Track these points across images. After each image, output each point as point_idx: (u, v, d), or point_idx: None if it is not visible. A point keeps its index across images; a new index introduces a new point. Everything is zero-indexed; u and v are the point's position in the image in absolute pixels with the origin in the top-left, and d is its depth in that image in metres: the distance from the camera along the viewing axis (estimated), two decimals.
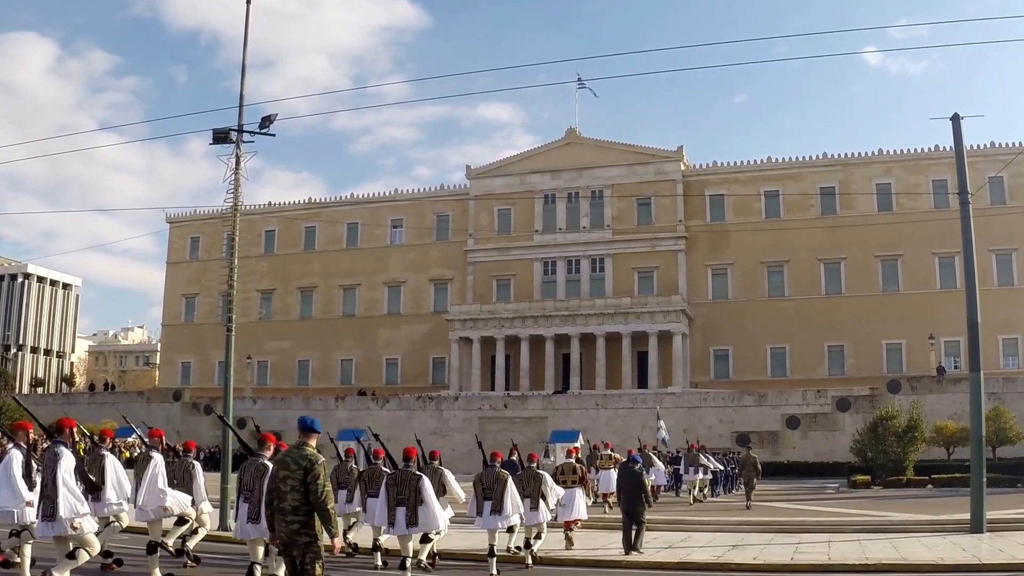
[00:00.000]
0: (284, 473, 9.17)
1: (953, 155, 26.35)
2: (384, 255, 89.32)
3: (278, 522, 9.15)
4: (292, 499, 9.07)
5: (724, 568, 17.98)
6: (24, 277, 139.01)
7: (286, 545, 9.10)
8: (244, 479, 13.19)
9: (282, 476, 9.18)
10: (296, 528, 9.02)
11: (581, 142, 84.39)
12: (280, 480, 9.19)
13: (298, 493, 9.07)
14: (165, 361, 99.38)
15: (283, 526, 9.06)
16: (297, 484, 9.09)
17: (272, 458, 12.69)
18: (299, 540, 9.01)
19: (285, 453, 9.46)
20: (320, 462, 9.29)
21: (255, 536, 13.05)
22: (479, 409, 69.31)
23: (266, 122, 29.87)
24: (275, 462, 9.59)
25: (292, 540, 9.02)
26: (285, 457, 9.34)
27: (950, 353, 70.78)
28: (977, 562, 17.69)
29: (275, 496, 9.23)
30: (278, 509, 9.15)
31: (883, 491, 40.69)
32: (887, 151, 77.98)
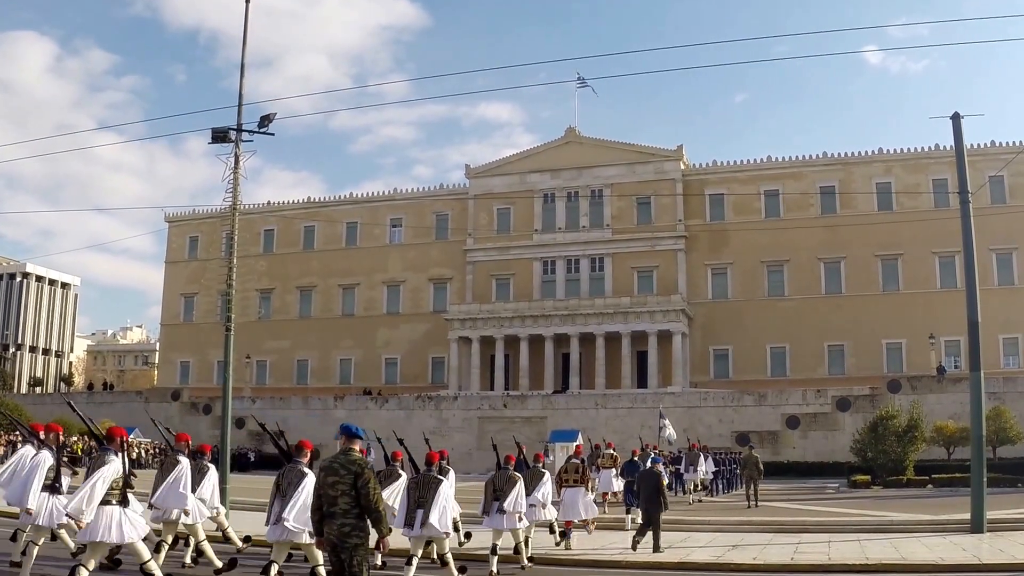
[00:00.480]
0: (333, 479, 9.38)
1: (953, 154, 26.30)
2: (383, 254, 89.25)
3: (328, 526, 9.35)
4: (343, 503, 9.30)
5: (724, 568, 17.91)
6: (23, 276, 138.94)
7: (334, 547, 9.28)
8: (281, 484, 13.45)
9: (331, 482, 9.38)
10: (347, 531, 9.25)
11: (581, 141, 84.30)
12: (329, 486, 9.39)
13: (349, 497, 9.30)
14: (164, 361, 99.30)
15: (334, 529, 9.26)
16: (348, 488, 9.31)
17: (309, 464, 13.47)
18: (349, 542, 9.22)
19: (332, 459, 9.63)
20: (369, 467, 9.53)
21: (285, 539, 13.37)
22: (478, 409, 69.22)
23: (265, 121, 29.78)
24: (322, 468, 9.71)
25: (343, 542, 9.22)
26: (333, 463, 9.52)
27: (950, 353, 70.74)
28: (977, 562, 17.62)
29: (324, 501, 9.42)
30: (328, 513, 9.36)
31: (883, 491, 40.55)
32: (887, 150, 77.97)
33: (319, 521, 9.51)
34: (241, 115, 30.35)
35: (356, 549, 9.25)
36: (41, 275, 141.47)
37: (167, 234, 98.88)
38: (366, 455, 10.08)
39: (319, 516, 9.50)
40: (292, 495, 13.06)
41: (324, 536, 9.41)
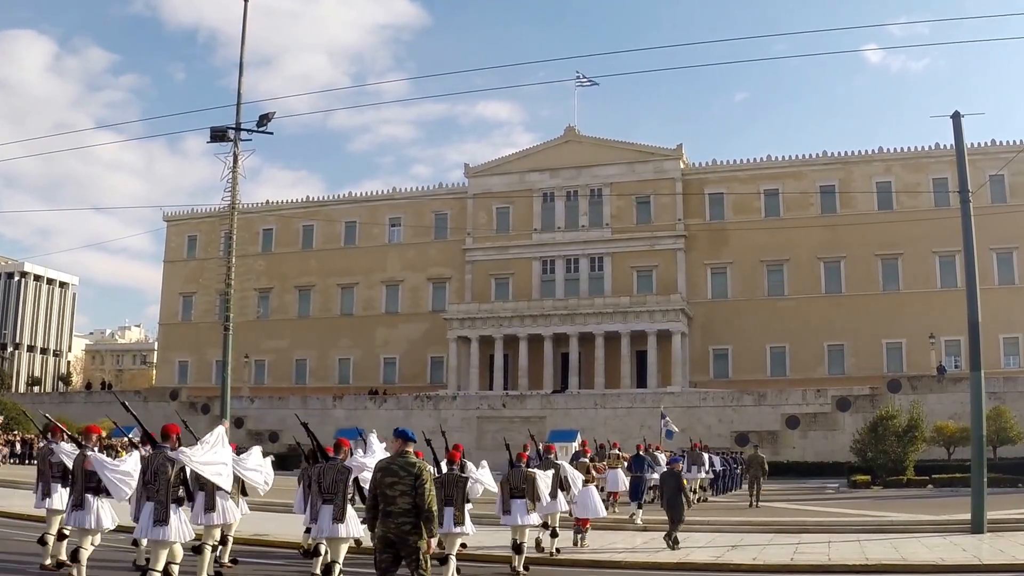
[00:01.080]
0: (391, 479, 9.77)
1: (954, 153, 26.13)
2: (382, 254, 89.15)
3: (386, 524, 9.71)
4: (402, 503, 9.69)
5: (723, 568, 17.81)
6: (21, 276, 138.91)
7: (391, 543, 9.65)
8: (324, 483, 13.78)
9: (389, 482, 9.76)
10: (408, 529, 9.64)
11: (580, 140, 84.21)
12: (387, 486, 9.75)
13: (408, 497, 9.68)
14: (162, 360, 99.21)
15: (393, 527, 9.65)
16: (407, 489, 9.69)
17: (345, 462, 13.92)
18: (410, 540, 9.62)
19: (390, 460, 10.06)
20: (427, 469, 9.99)
21: (340, 535, 13.62)
22: (477, 408, 69.12)
23: (264, 120, 29.75)
24: (379, 469, 10.08)
25: (403, 539, 9.63)
26: (391, 465, 9.93)
27: (950, 352, 70.65)
28: (978, 563, 17.51)
29: (381, 500, 9.79)
30: (385, 512, 9.73)
31: (883, 491, 40.48)
32: (887, 149, 77.90)
33: (373, 518, 9.88)
34: (240, 114, 30.30)
35: (418, 547, 9.64)
36: (39, 274, 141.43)
37: (165, 233, 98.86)
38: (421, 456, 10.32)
39: (374, 514, 9.89)
40: (342, 493, 13.52)
41: (379, 533, 9.77)
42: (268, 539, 20.26)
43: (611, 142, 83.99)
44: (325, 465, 14.08)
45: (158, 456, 11.77)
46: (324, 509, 13.72)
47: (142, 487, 11.86)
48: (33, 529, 18.44)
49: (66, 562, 14.12)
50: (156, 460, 11.72)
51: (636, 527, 24.85)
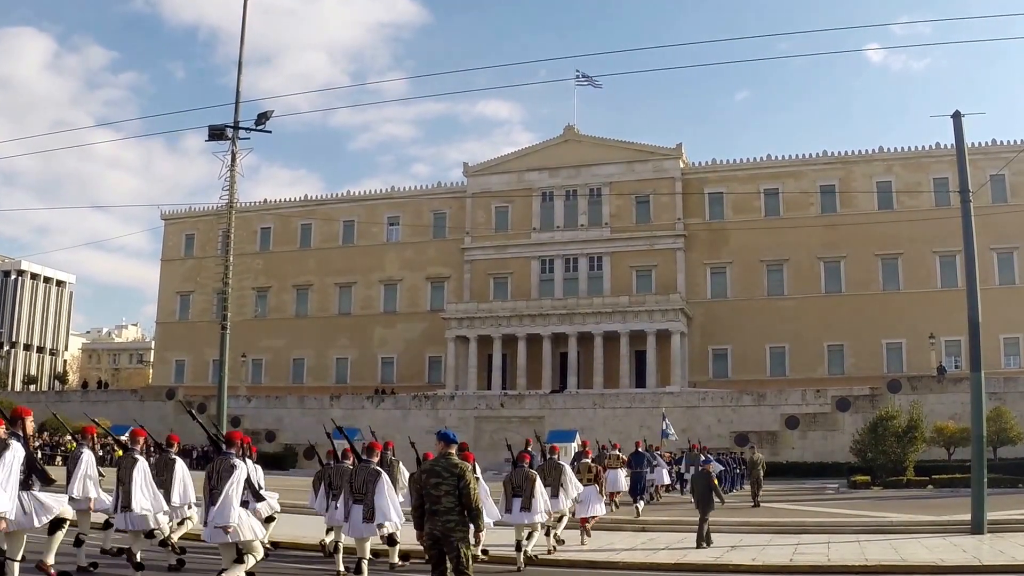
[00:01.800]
0: (436, 480, 10.32)
1: (954, 153, 26.01)
2: (380, 253, 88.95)
3: (431, 522, 10.28)
4: (446, 502, 10.23)
5: (723, 569, 17.75)
6: (18, 274, 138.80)
7: (437, 540, 10.23)
8: (355, 484, 14.39)
9: (434, 483, 10.32)
10: (452, 526, 10.19)
11: (579, 139, 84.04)
12: (432, 486, 10.31)
13: (452, 496, 10.23)
14: (159, 359, 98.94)
15: (438, 525, 10.20)
16: (451, 489, 10.24)
17: (379, 464, 14.89)
18: (455, 536, 10.17)
19: (434, 463, 10.60)
20: (469, 470, 10.56)
21: (367, 535, 14.37)
22: (475, 408, 68.92)
23: (262, 119, 29.70)
24: (424, 471, 10.71)
25: (448, 536, 10.17)
26: (435, 466, 10.47)
27: (951, 352, 70.45)
28: (978, 563, 17.47)
29: (426, 499, 10.36)
30: (431, 511, 10.30)
31: (883, 492, 40.39)
32: (888, 149, 77.72)
33: (420, 517, 10.47)
34: (238, 112, 30.21)
35: (461, 542, 10.21)
36: (36, 273, 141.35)
37: (163, 232, 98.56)
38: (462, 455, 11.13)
39: (420, 513, 10.48)
40: (374, 491, 14.26)
41: (427, 531, 10.34)
42: (278, 540, 19.76)
43: (610, 141, 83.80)
44: (357, 466, 14.77)
45: (224, 461, 12.32)
46: (356, 509, 14.32)
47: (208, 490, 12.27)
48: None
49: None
50: (221, 464, 12.27)
51: (636, 527, 24.76)
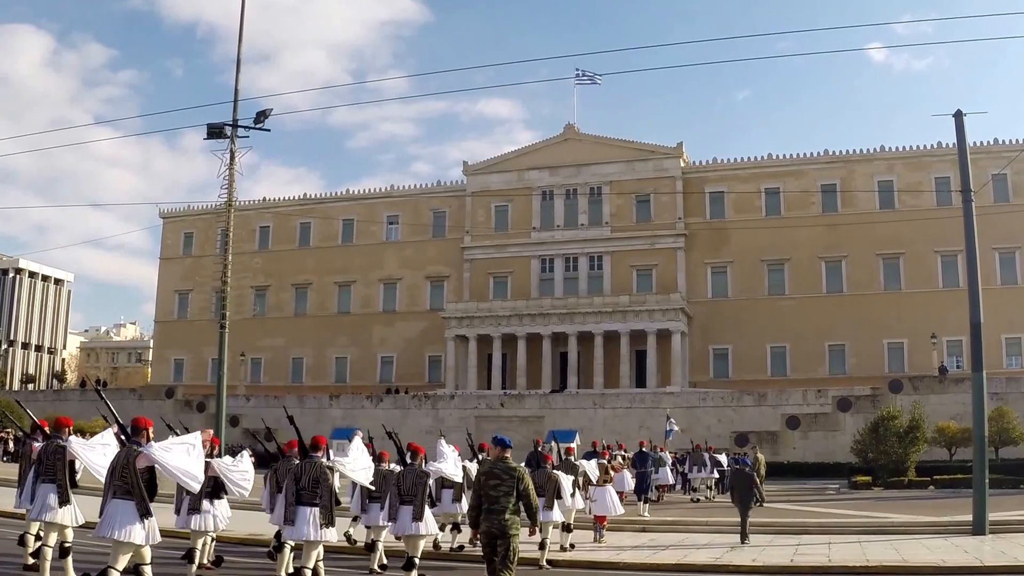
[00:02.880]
0: (495, 482, 11.17)
1: (956, 152, 25.90)
2: (380, 252, 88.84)
3: (489, 520, 11.09)
4: (504, 502, 11.10)
5: (723, 569, 17.78)
6: (16, 272, 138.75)
7: (494, 536, 11.01)
8: (403, 486, 15.00)
9: (492, 484, 11.15)
10: (508, 524, 11.03)
11: (579, 138, 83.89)
12: (491, 487, 11.14)
13: (509, 497, 11.11)
14: (158, 358, 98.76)
15: (495, 522, 11.02)
16: (509, 490, 11.11)
17: (424, 467, 15.59)
18: (510, 532, 11.00)
19: (492, 465, 11.44)
20: (527, 473, 11.70)
21: (416, 533, 14.84)
22: (475, 408, 68.70)
23: (261, 117, 29.67)
24: (483, 472, 11.49)
25: (504, 532, 10.98)
26: (493, 469, 11.32)
27: (952, 353, 70.33)
28: (979, 564, 17.50)
29: (485, 499, 11.19)
30: (489, 510, 11.12)
31: (884, 492, 40.35)
32: (889, 148, 77.55)
33: (476, 516, 11.32)
34: (237, 111, 30.14)
35: (514, 539, 11.04)
36: (34, 271, 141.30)
37: (161, 230, 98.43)
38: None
39: (477, 512, 11.33)
40: (420, 495, 14.97)
41: (484, 528, 11.14)
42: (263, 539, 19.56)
43: (611, 140, 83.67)
44: (405, 469, 15.46)
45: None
46: (404, 510, 14.94)
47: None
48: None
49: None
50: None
51: (637, 527, 24.74)
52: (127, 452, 11.00)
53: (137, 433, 11.31)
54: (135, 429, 11.39)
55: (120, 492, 10.75)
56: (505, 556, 10.96)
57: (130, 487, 10.70)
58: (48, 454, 13.15)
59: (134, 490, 10.68)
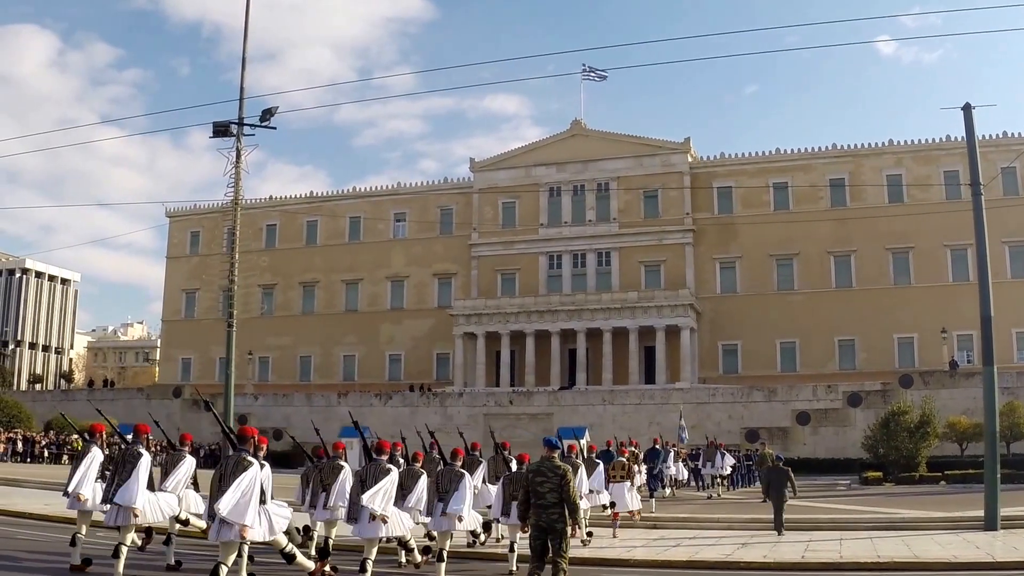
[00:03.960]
0: (541, 479, 11.98)
1: (965, 145, 25.68)
2: (387, 249, 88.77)
3: (538, 514, 11.89)
4: (550, 497, 11.88)
5: (733, 566, 17.57)
6: (22, 272, 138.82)
7: (543, 530, 11.82)
8: (441, 484, 15.49)
9: (539, 481, 11.98)
10: (555, 518, 11.81)
11: (586, 134, 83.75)
12: (538, 484, 11.96)
13: (555, 493, 11.86)
14: (165, 357, 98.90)
15: (544, 517, 11.83)
16: (554, 487, 11.88)
17: (461, 467, 16.12)
18: (558, 526, 11.79)
19: (540, 464, 12.22)
20: (570, 471, 12.33)
21: (448, 528, 15.45)
22: (484, 405, 68.51)
23: (267, 115, 29.61)
24: (530, 470, 12.36)
25: (552, 526, 11.78)
26: (541, 467, 12.14)
27: (963, 347, 70.01)
28: (991, 560, 17.27)
29: (533, 495, 12.00)
30: (536, 505, 11.92)
31: (895, 488, 40.16)
32: (898, 142, 77.22)
33: (525, 511, 12.23)
34: (242, 109, 30.06)
35: (562, 532, 11.82)
36: (41, 271, 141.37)
37: (168, 229, 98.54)
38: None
39: (526, 507, 12.21)
40: (453, 491, 15.37)
41: (532, 522, 12.00)
42: None
43: (618, 136, 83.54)
44: (443, 468, 16.05)
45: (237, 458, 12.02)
46: (439, 507, 15.43)
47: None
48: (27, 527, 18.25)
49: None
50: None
51: (647, 523, 24.68)
52: (236, 459, 11.74)
53: (244, 441, 12.20)
54: (241, 438, 12.24)
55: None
56: (558, 548, 11.74)
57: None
58: (127, 460, 13.54)
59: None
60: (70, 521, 16.98)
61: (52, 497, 29.01)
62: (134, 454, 13.89)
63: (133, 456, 13.84)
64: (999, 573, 16.46)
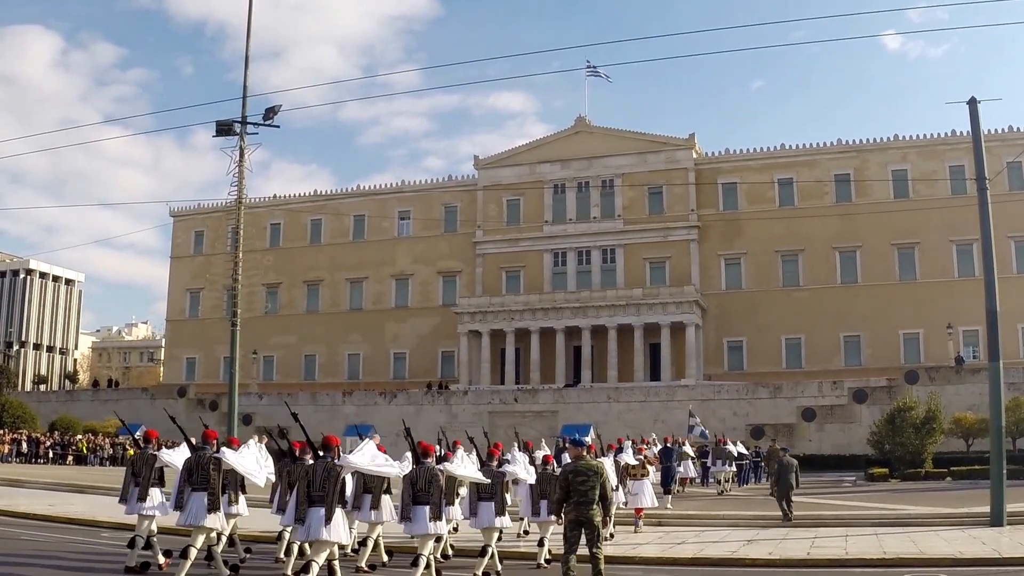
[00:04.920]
0: (581, 478, 12.81)
1: (970, 140, 25.65)
2: (391, 248, 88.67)
3: (578, 510, 12.72)
4: (591, 495, 12.74)
5: (739, 563, 17.60)
6: (26, 273, 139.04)
7: (582, 524, 12.69)
8: (483, 486, 16.05)
9: (580, 480, 12.79)
10: (593, 512, 12.69)
11: (591, 131, 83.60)
12: (579, 483, 12.77)
13: (594, 491, 12.75)
14: (169, 357, 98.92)
15: (584, 512, 12.68)
16: (593, 485, 12.77)
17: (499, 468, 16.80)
18: (595, 520, 12.70)
19: (577, 465, 13.01)
20: (606, 470, 13.53)
21: (496, 525, 16.02)
22: (489, 403, 68.53)
23: (270, 113, 29.59)
24: (569, 471, 13.02)
25: (590, 520, 12.66)
26: (578, 467, 12.94)
27: (969, 343, 69.86)
28: (997, 556, 17.34)
29: (573, 492, 12.80)
30: (576, 502, 12.74)
31: (901, 484, 40.28)
32: (903, 137, 77.06)
33: (560, 507, 13.03)
34: (245, 107, 30.04)
35: (599, 525, 12.77)
36: (45, 272, 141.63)
37: (172, 229, 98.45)
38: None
39: (560, 504, 13.04)
40: (501, 490, 16.31)
41: (572, 517, 12.76)
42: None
43: (622, 132, 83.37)
44: (484, 469, 16.42)
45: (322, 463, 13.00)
46: (484, 506, 16.07)
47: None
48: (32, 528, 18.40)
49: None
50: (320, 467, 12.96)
51: (654, 520, 24.83)
52: (324, 465, 12.83)
53: (328, 449, 13.12)
54: (326, 446, 13.20)
55: (317, 501, 12.66)
56: (594, 540, 12.68)
57: (325, 495, 12.63)
58: (201, 464, 13.77)
59: (327, 498, 12.61)
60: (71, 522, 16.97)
61: (57, 498, 29.08)
62: (150, 457, 14.85)
63: (150, 459, 14.85)
64: (1005, 569, 16.39)
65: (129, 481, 14.98)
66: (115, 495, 15.82)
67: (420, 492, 13.80)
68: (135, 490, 14.87)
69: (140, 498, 14.68)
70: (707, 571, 17.15)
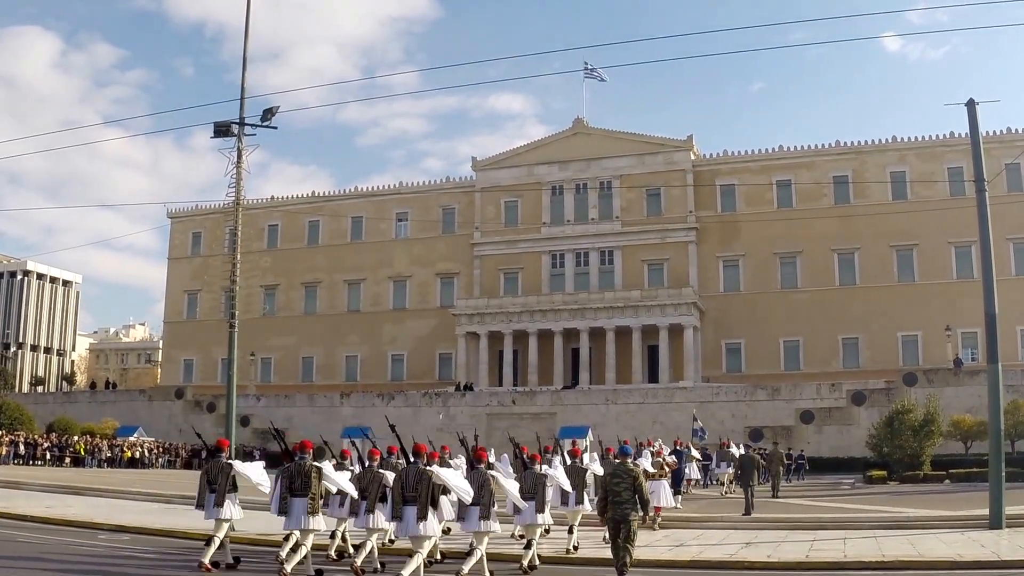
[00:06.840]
0: (618, 480, 14.03)
1: (969, 142, 25.56)
2: (389, 249, 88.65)
3: (613, 510, 13.94)
4: (625, 495, 13.91)
5: (737, 566, 17.46)
6: (24, 274, 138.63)
7: (618, 522, 13.88)
8: (526, 486, 16.84)
9: (616, 482, 14.01)
10: (628, 512, 13.86)
11: (589, 132, 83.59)
12: (615, 485, 14.00)
13: (629, 492, 13.91)
14: (167, 358, 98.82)
15: (619, 511, 13.85)
16: (628, 486, 13.95)
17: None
18: (631, 518, 13.84)
19: (616, 467, 14.36)
20: (641, 474, 14.60)
21: (536, 522, 17.00)
22: (487, 405, 68.56)
23: (268, 115, 29.57)
24: (608, 474, 14.45)
25: (625, 518, 13.80)
26: (616, 470, 14.21)
27: (967, 345, 69.85)
28: (996, 559, 17.17)
29: (610, 493, 14.04)
30: (613, 502, 13.96)
31: (899, 486, 40.33)
32: (901, 138, 77.05)
33: (604, 507, 14.21)
34: (243, 108, 30.01)
35: (634, 523, 13.94)
36: (42, 273, 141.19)
37: (170, 230, 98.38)
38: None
39: (604, 504, 14.23)
40: (544, 490, 17.22)
41: (610, 515, 14.03)
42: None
43: (620, 134, 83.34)
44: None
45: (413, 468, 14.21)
46: (531, 504, 16.89)
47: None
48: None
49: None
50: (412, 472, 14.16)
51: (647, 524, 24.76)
52: (416, 470, 14.05)
53: (418, 455, 14.35)
54: (416, 452, 14.40)
55: (410, 501, 13.89)
56: (627, 537, 13.79)
57: (417, 496, 13.85)
58: (302, 473, 14.82)
59: (420, 499, 13.82)
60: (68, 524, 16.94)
61: (54, 500, 28.96)
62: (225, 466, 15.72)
63: (225, 468, 15.69)
64: (1004, 572, 16.29)
65: (204, 488, 15.60)
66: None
67: (478, 494, 14.57)
68: (211, 496, 15.46)
69: (217, 503, 15.37)
70: (706, 574, 17.09)
